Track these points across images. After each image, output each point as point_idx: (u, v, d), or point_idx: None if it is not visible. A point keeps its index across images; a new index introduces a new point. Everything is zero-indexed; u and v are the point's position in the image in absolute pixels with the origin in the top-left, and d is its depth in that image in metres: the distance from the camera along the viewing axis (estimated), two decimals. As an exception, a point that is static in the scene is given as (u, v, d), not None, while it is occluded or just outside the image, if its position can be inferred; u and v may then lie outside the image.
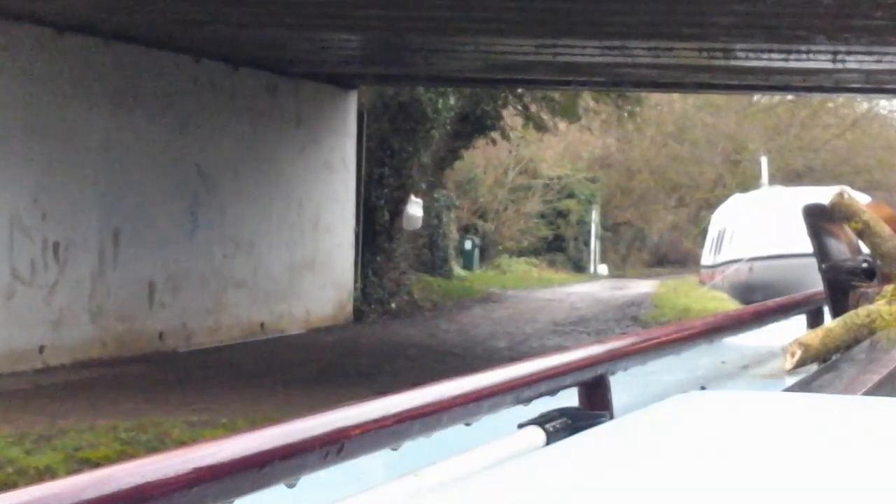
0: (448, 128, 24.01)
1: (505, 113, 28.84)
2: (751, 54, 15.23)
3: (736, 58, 15.38)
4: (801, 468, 1.59)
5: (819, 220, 3.85)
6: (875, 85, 17.42)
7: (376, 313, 20.56)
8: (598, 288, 34.48)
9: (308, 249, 18.74)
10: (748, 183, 42.23)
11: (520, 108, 28.76)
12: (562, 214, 46.35)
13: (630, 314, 23.21)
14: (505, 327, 20.11)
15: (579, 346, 2.44)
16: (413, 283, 24.67)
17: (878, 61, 14.83)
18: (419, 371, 15.26)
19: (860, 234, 3.66)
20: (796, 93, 23.12)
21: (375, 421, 1.70)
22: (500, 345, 18.28)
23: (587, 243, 47.82)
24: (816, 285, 4.01)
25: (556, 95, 27.90)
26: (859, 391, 2.39)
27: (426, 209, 35.15)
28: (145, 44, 14.93)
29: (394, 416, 1.74)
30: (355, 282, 19.93)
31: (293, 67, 17.58)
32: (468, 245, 38.90)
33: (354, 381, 13.76)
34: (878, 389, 2.42)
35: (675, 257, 56.10)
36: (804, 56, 15.08)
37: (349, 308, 19.75)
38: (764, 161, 35.12)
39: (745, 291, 26.72)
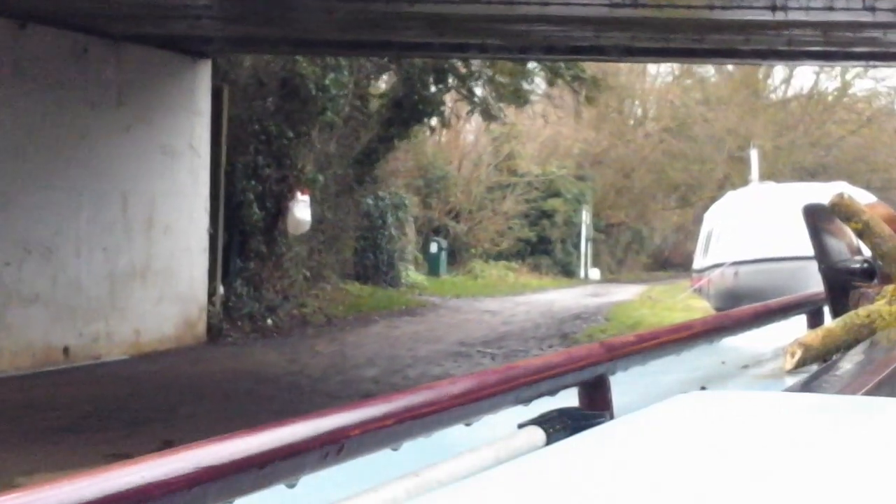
0: (345, 109, 19.53)
1: (448, 98, 24.47)
2: (663, 0, 10.80)
3: (645, 5, 10.96)
4: (801, 468, 1.63)
5: (819, 220, 3.76)
6: (839, 48, 13.57)
7: (242, 332, 16.51)
8: (571, 295, 30.80)
9: (137, 255, 14.73)
10: (755, 181, 38.53)
11: (464, 92, 24.30)
12: (547, 215, 42.15)
13: (567, 330, 19.52)
14: (395, 349, 16.33)
15: (579, 346, 2.53)
16: (320, 293, 20.31)
17: (830, 8, 10.94)
18: (221, 418, 12.43)
19: (860, 235, 3.63)
20: (746, 60, 18.75)
21: (375, 421, 1.75)
22: (368, 374, 15.81)
23: (577, 246, 43.40)
24: (806, 291, 4.19)
25: (503, 79, 23.58)
26: (859, 391, 2.44)
27: (368, 208, 30.50)
28: None
29: (394, 416, 1.79)
30: (211, 294, 15.51)
31: (108, 27, 13.65)
32: (434, 248, 34.53)
33: (108, 436, 11.28)
34: (878, 389, 2.46)
35: (679, 260, 52.09)
36: (734, 2, 10.63)
37: (201, 326, 15.73)
38: (754, 155, 31.75)
39: (730, 299, 23.76)
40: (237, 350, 17.85)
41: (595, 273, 47.89)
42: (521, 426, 2.04)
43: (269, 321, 19.49)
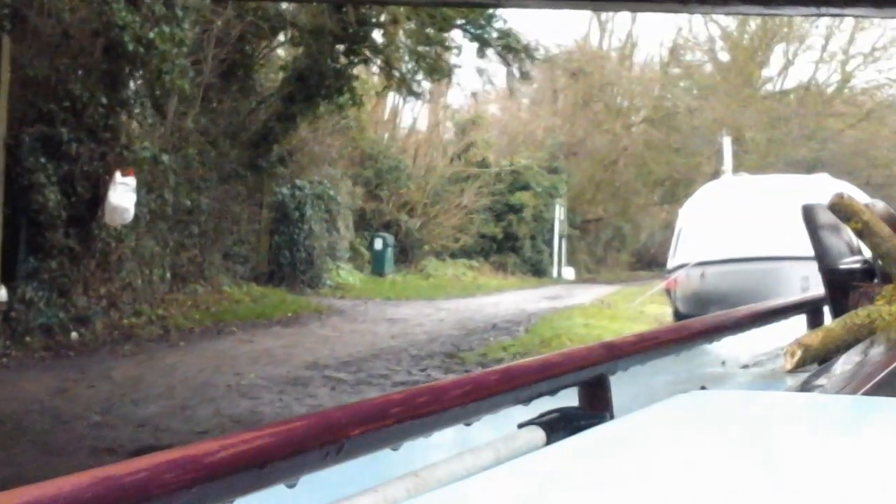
0: (192, 73, 15.22)
1: (360, 71, 20.31)
2: None
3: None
4: (801, 468, 1.60)
5: (818, 219, 3.63)
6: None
7: (28, 350, 12.16)
8: (520, 298, 27.62)
9: None
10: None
11: (380, 64, 20.03)
12: (514, 209, 37.81)
13: (464, 347, 15.92)
14: (217, 375, 14.82)
15: (579, 346, 2.39)
16: (181, 298, 16.12)
17: None
18: None
19: (860, 234, 3.50)
20: (661, 6, 14.26)
21: (375, 421, 1.70)
22: (141, 415, 11.89)
23: (549, 243, 39.08)
24: (778, 296, 4.06)
25: (423, 49, 19.62)
26: (859, 391, 2.36)
27: (282, 198, 26.35)
28: None
29: (394, 416, 1.73)
30: (-20, 302, 11.49)
31: None
32: (379, 245, 30.50)
33: None
34: (878, 389, 2.37)
35: (665, 259, 46.91)
36: None
37: (-45, 342, 11.45)
38: (727, 143, 28.05)
39: (696, 303, 21.20)
40: (1, 376, 13.60)
41: (569, 272, 43.88)
42: (521, 426, 1.98)
43: (75, 335, 15.22)
